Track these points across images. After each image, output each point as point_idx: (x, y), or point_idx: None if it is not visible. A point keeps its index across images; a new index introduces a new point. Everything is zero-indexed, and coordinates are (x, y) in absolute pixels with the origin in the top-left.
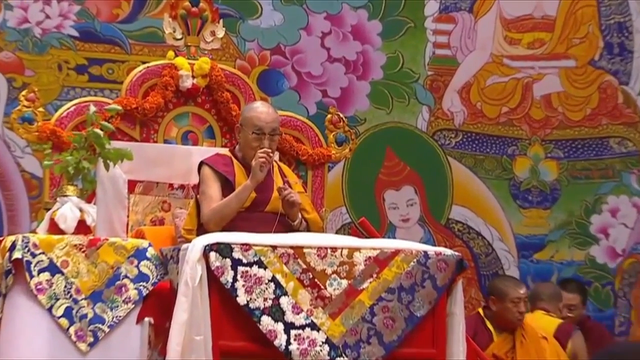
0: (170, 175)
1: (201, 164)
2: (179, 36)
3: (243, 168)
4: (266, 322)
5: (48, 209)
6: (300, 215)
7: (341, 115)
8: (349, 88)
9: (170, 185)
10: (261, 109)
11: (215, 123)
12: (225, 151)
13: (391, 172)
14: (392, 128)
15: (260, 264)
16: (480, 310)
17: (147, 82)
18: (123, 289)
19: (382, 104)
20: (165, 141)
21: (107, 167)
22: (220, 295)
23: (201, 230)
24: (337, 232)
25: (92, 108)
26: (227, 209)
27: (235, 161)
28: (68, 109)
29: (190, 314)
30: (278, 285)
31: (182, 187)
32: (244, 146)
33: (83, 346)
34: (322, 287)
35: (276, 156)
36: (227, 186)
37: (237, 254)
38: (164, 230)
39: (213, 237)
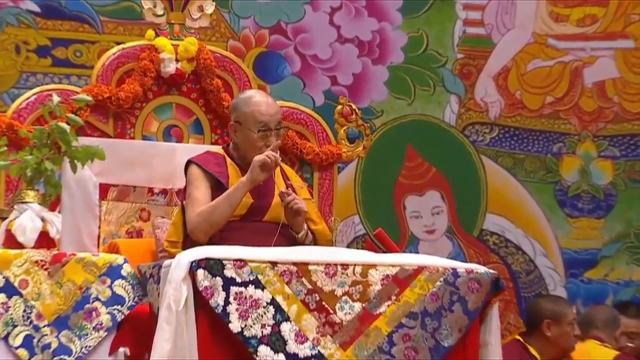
0: (150, 178)
1: (188, 162)
2: (160, 12)
3: (239, 169)
4: (264, 353)
5: (4, 219)
6: (305, 226)
7: (354, 106)
8: (363, 74)
9: (150, 190)
10: (260, 100)
11: (204, 116)
12: (217, 149)
13: (413, 174)
14: (414, 122)
15: (258, 284)
16: (519, 337)
17: (122, 67)
18: (93, 313)
19: (402, 92)
20: (144, 137)
21: (74, 169)
22: (210, 321)
23: (188, 243)
24: (348, 246)
25: (56, 98)
26: (216, 213)
27: (229, 161)
28: (27, 98)
29: (174, 343)
30: (278, 309)
31: (164, 192)
32: (245, 147)
33: None
34: (331, 311)
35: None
36: (219, 190)
37: (229, 272)
38: (143, 244)
39: (201, 251)
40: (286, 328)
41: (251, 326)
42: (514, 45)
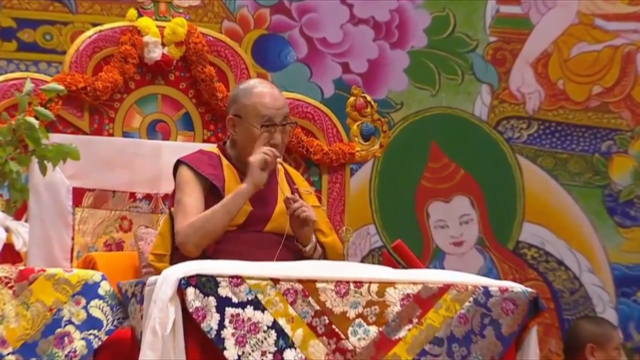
0: (131, 181)
1: (178, 163)
2: None
3: (236, 172)
4: None
5: None
6: (314, 238)
7: (369, 98)
8: (380, 60)
9: (132, 195)
10: (264, 91)
11: (194, 109)
12: (211, 147)
13: (438, 177)
14: (439, 116)
15: (257, 305)
16: None
17: (99, 52)
18: (66, 339)
19: (425, 82)
20: (125, 134)
21: (43, 171)
22: (201, 347)
23: (177, 256)
24: (362, 260)
25: (29, 85)
26: (211, 223)
27: (225, 162)
28: None
29: None
30: (281, 333)
31: (148, 197)
32: (245, 145)
33: None
34: (343, 336)
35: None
36: (214, 195)
37: (224, 291)
38: (123, 258)
39: (191, 266)
40: (290, 356)
41: (250, 354)
42: (555, 26)
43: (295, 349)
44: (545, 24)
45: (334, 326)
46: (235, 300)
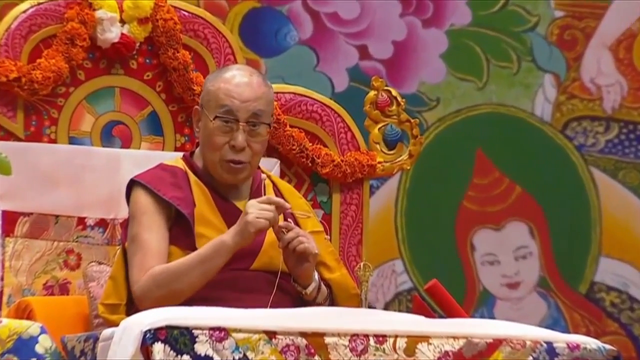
0: (80, 202)
1: (132, 184)
2: None
3: (208, 191)
4: None
5: None
6: (317, 276)
7: (394, 92)
8: (409, 42)
9: (81, 221)
10: (234, 75)
11: (164, 107)
12: (174, 160)
13: (486, 196)
14: (487, 116)
15: None
16: None
17: (37, 32)
18: None
19: (469, 71)
20: (72, 140)
21: None
22: None
23: (136, 305)
24: (387, 307)
25: None
26: (180, 283)
27: (192, 177)
28: None
29: None
30: None
31: (102, 224)
32: (204, 148)
33: None
34: None
35: (274, 167)
36: (181, 225)
37: (203, 347)
38: (69, 304)
39: (159, 315)
40: None
41: None
42: None
43: None
44: None
45: None
46: (217, 358)
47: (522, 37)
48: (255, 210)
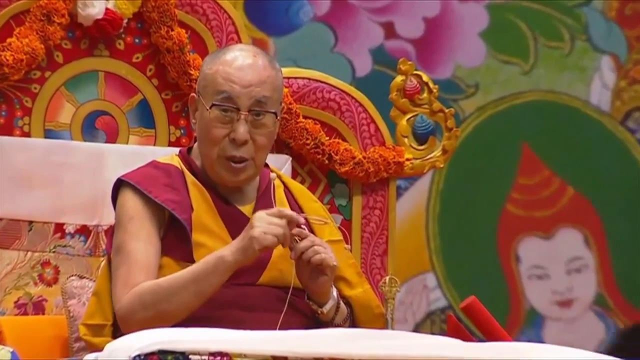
0: (58, 206)
1: (119, 184)
2: None
3: (208, 193)
4: None
5: None
6: (335, 293)
7: (425, 77)
8: (443, 19)
9: (60, 227)
10: (238, 60)
11: (156, 94)
12: (169, 157)
13: (533, 198)
14: (535, 104)
15: None
16: None
17: (7, 6)
18: None
19: (513, 52)
20: (49, 133)
21: None
22: None
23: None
24: (417, 328)
25: None
26: (171, 303)
27: (190, 178)
28: None
29: None
30: None
31: (83, 231)
32: (200, 139)
33: None
34: None
35: (285, 165)
36: (175, 233)
37: None
38: (45, 325)
39: (150, 337)
40: None
41: None
42: None
43: None
44: None
45: None
46: None
47: (576, 13)
48: (262, 224)
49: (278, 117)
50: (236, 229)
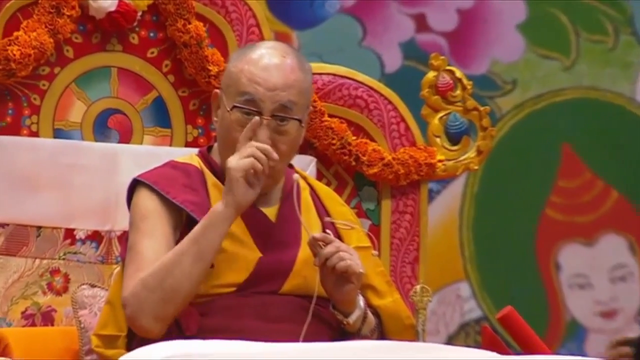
0: (68, 210)
1: (135, 184)
2: None
3: None
4: None
5: None
6: (362, 302)
7: (458, 73)
8: (478, 11)
9: (70, 233)
10: (265, 59)
11: (172, 91)
12: (189, 156)
13: (575, 202)
14: (576, 102)
15: None
16: None
17: None
18: None
19: (553, 46)
20: (58, 132)
21: None
22: None
23: (139, 337)
24: (450, 340)
25: None
26: (173, 275)
27: (211, 178)
28: None
29: None
30: None
31: (95, 237)
32: (220, 139)
33: None
34: None
35: (309, 166)
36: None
37: None
38: (54, 337)
39: (170, 349)
40: None
41: None
42: None
43: None
44: None
45: None
46: None
47: (620, 4)
48: (234, 157)
49: (303, 125)
50: (259, 233)
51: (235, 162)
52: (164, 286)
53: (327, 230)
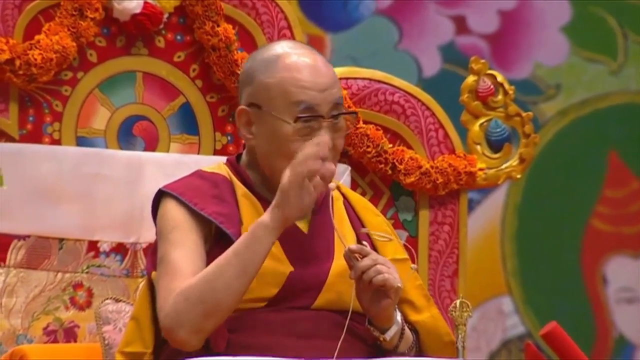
0: (91, 222)
1: (161, 195)
2: None
3: (260, 204)
4: None
5: None
6: (399, 318)
7: (500, 77)
8: (520, 12)
9: (93, 246)
10: (299, 61)
11: (200, 97)
12: (217, 166)
13: (623, 213)
14: (624, 107)
15: None
16: None
17: (34, 1)
18: None
19: (600, 49)
20: (81, 140)
21: None
22: None
23: (167, 353)
24: (492, 358)
25: None
26: (215, 289)
27: (241, 189)
28: None
29: None
30: None
31: (120, 250)
32: (270, 156)
33: None
34: None
35: (344, 175)
36: (221, 249)
37: None
38: (76, 353)
39: None
40: None
41: None
42: None
43: None
44: None
45: None
46: None
47: None
48: (292, 168)
49: (357, 115)
50: (291, 245)
51: (296, 166)
52: (204, 299)
53: (363, 242)
